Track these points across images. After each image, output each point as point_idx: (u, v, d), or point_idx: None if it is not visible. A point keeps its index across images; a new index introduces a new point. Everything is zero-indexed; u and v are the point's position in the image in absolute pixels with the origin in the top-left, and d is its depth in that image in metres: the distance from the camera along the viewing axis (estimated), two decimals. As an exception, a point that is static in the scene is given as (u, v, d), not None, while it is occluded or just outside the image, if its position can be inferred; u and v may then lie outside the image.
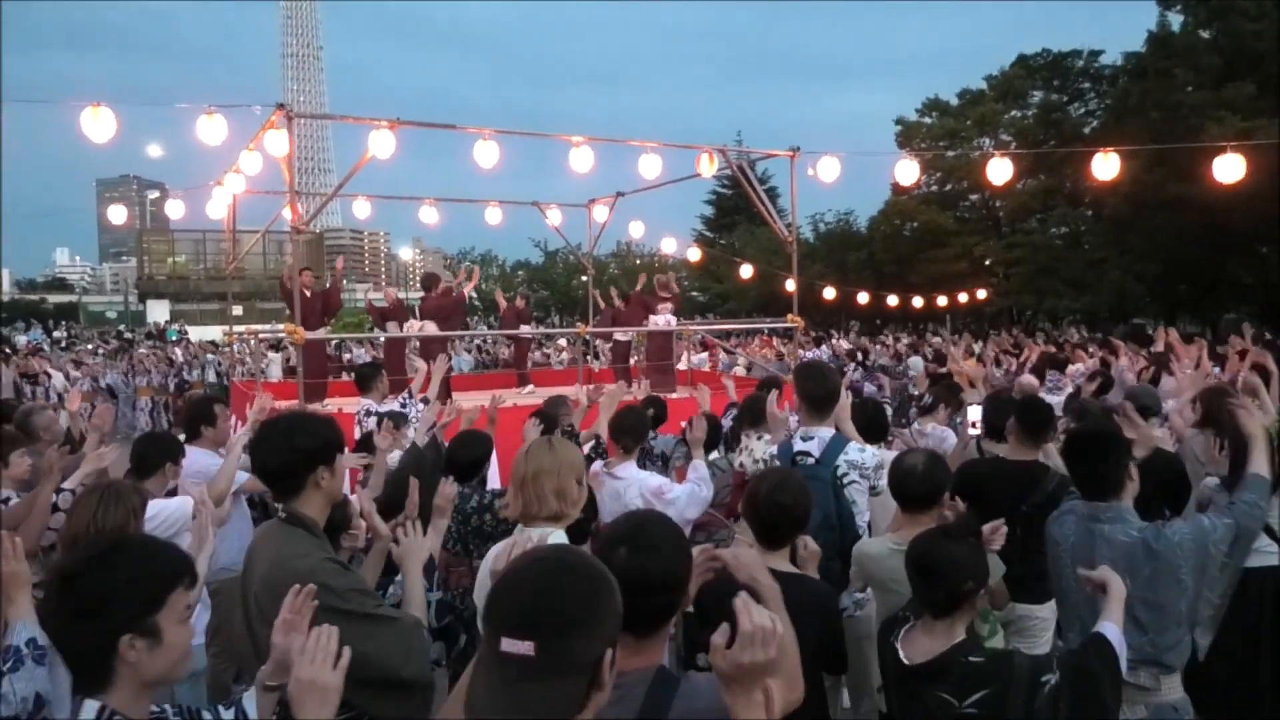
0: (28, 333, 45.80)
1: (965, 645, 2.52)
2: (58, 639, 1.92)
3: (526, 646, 1.38)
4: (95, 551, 1.90)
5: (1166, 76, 28.58)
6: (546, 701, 1.38)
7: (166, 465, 4.24)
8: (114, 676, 1.80)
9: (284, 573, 2.44)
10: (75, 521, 3.10)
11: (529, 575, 1.49)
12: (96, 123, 7.52)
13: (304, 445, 2.62)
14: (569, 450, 3.13)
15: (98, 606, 1.79)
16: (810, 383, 4.20)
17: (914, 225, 39.43)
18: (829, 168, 10.25)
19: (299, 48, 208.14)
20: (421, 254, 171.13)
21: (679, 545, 2.05)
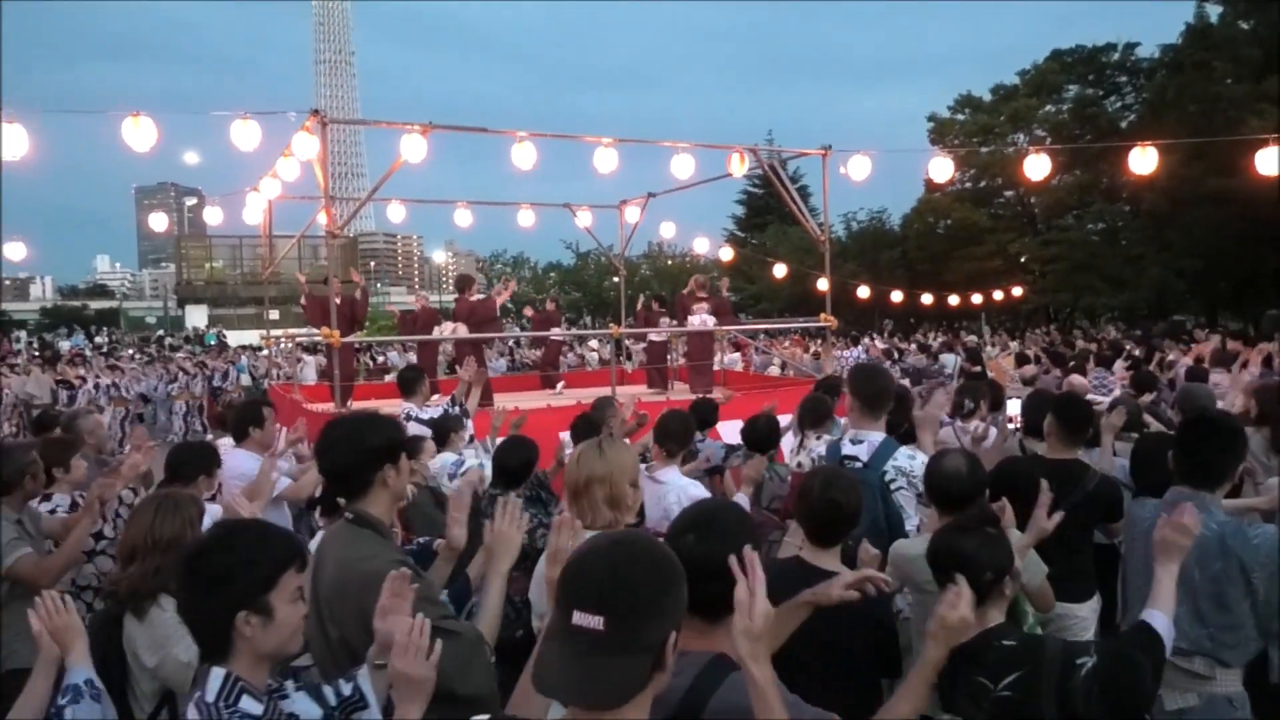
0: (70, 338, 46.61)
1: (1000, 630, 2.55)
2: (183, 612, 2.08)
3: (597, 621, 1.45)
4: (217, 534, 2.08)
5: (1205, 69, 28.14)
6: (613, 676, 1.45)
7: (200, 477, 4.21)
8: (233, 648, 1.97)
9: (352, 574, 2.47)
10: (133, 531, 3.11)
11: (606, 555, 1.56)
12: (138, 132, 7.65)
13: (373, 444, 2.63)
14: (620, 454, 3.05)
15: (218, 584, 1.95)
16: (864, 383, 4.14)
17: (948, 223, 39.09)
18: (861, 166, 10.20)
19: (331, 54, 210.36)
20: (454, 257, 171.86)
21: (747, 532, 2.09)
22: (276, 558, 2.03)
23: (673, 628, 1.52)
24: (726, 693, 1.89)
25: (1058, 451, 4.24)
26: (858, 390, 4.12)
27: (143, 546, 3.05)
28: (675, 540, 2.03)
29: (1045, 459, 4.27)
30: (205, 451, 4.49)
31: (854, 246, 41.52)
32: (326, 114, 8.61)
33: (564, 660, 1.47)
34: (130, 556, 3.08)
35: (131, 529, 3.13)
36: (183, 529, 3.11)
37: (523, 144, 8.66)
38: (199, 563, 1.98)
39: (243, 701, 1.94)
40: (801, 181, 36.82)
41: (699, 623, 1.95)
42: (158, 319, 66.88)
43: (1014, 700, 2.38)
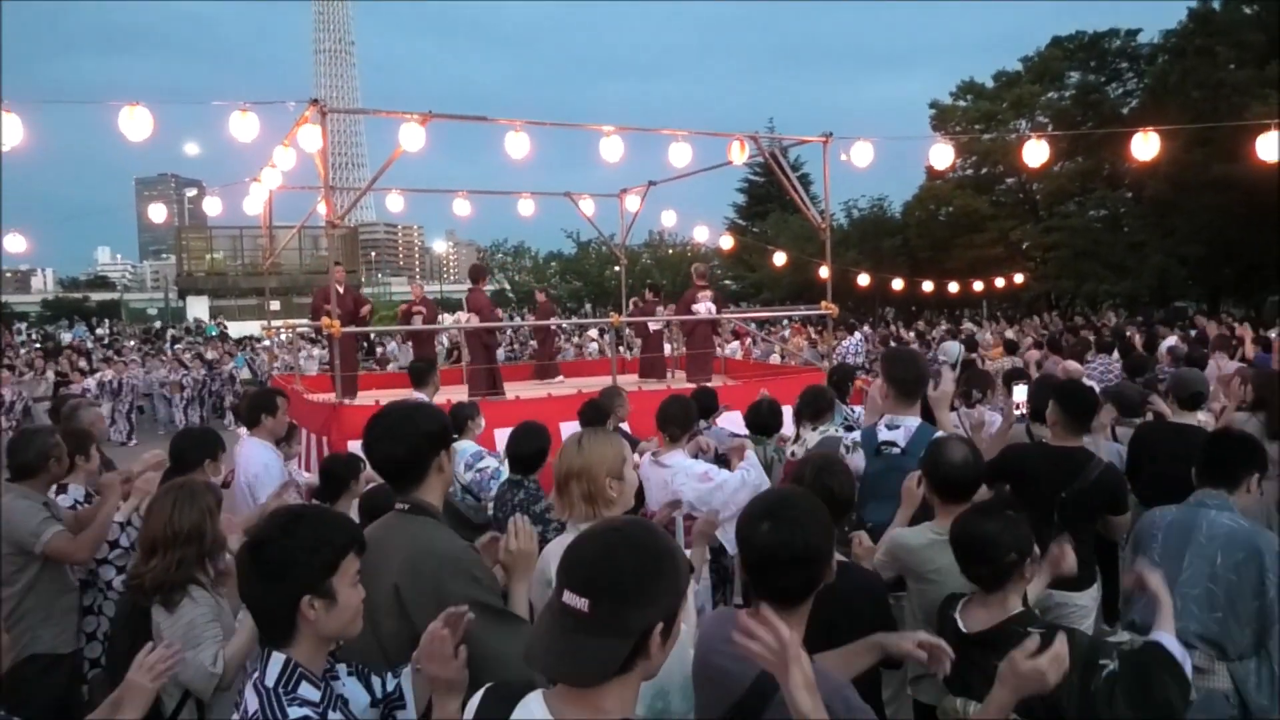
0: (71, 330, 46.62)
1: (1022, 617, 2.61)
2: (247, 598, 2.09)
3: (583, 603, 1.53)
4: (280, 521, 2.09)
5: (1208, 54, 28.02)
6: (592, 655, 1.53)
7: (206, 462, 4.22)
8: (296, 633, 2.01)
9: (431, 557, 2.47)
10: (152, 523, 3.12)
11: (599, 541, 1.63)
12: (134, 122, 7.62)
13: (428, 429, 2.64)
14: (601, 446, 2.96)
15: (282, 570, 1.99)
16: (899, 367, 4.12)
17: (949, 210, 38.99)
18: (862, 153, 10.15)
19: (331, 44, 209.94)
20: (455, 246, 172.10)
21: (821, 520, 2.12)
22: (338, 542, 2.07)
23: (660, 617, 1.57)
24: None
25: (1061, 439, 4.21)
26: (892, 375, 4.09)
27: (163, 538, 3.06)
28: (749, 528, 2.07)
29: (1050, 446, 4.26)
30: (207, 437, 4.49)
31: (855, 234, 41.42)
32: (326, 103, 8.58)
33: (550, 636, 1.56)
34: (151, 549, 3.08)
35: (150, 521, 3.14)
36: (201, 519, 3.12)
37: (518, 133, 8.62)
38: (263, 550, 2.01)
39: (301, 688, 1.99)
40: (802, 169, 36.78)
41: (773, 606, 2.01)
42: (159, 310, 66.88)
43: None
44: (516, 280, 50.31)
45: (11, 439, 4.25)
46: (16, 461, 4.12)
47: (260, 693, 1.96)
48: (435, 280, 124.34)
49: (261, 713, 1.93)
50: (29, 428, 4.80)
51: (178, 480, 3.47)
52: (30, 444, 4.16)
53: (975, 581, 2.70)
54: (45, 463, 4.14)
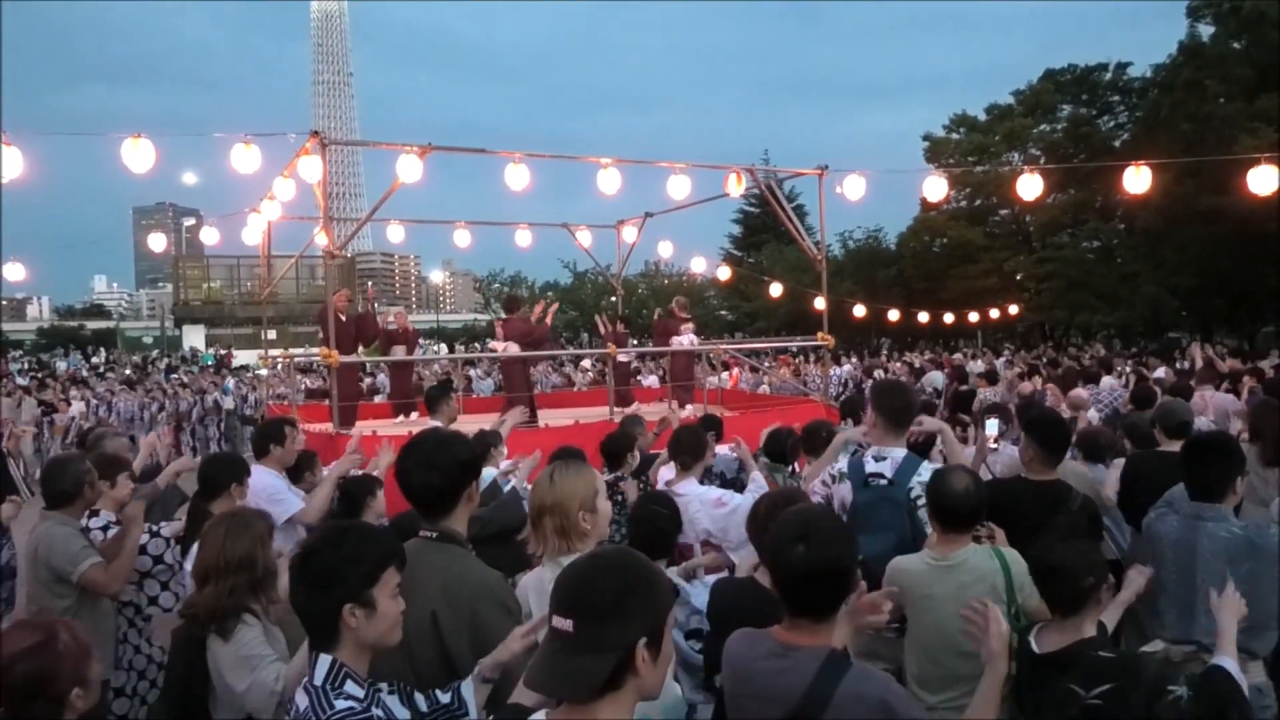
0: (66, 359, 46.58)
1: (1095, 641, 2.66)
2: (295, 604, 2.22)
3: (568, 625, 1.65)
4: (327, 534, 2.26)
5: (1198, 88, 28.32)
6: (578, 672, 1.64)
7: (232, 486, 4.28)
8: (339, 638, 2.14)
9: (465, 586, 2.55)
10: (205, 553, 3.14)
11: (581, 567, 1.77)
12: (136, 153, 7.69)
13: (463, 459, 2.71)
14: (573, 480, 2.95)
15: (327, 579, 2.13)
16: (889, 399, 4.12)
17: (943, 241, 39.27)
18: (856, 186, 10.26)
19: (330, 75, 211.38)
20: (452, 276, 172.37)
21: (847, 538, 2.33)
22: (379, 556, 2.19)
23: (640, 632, 1.67)
24: (852, 684, 2.10)
25: (1037, 472, 4.14)
26: (880, 406, 4.08)
27: (216, 567, 3.07)
28: (784, 551, 2.22)
29: (1029, 480, 4.18)
30: (235, 463, 4.54)
31: (850, 265, 41.66)
32: (326, 135, 8.66)
33: (543, 657, 1.69)
34: (204, 578, 3.10)
35: (204, 551, 3.16)
36: (253, 548, 3.13)
37: (519, 165, 8.70)
38: (310, 560, 2.16)
39: (347, 685, 2.12)
40: (798, 201, 37.03)
41: (805, 622, 2.23)
42: (155, 339, 66.80)
43: (1103, 710, 2.47)
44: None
45: (46, 466, 4.32)
46: (53, 489, 4.17)
47: (309, 692, 2.10)
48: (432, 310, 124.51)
49: (311, 709, 2.07)
50: (61, 455, 4.84)
51: (230, 509, 3.51)
52: (66, 472, 4.20)
53: (1054, 606, 2.76)
54: (80, 490, 4.19)
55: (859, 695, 2.09)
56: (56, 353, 53.96)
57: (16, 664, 2.17)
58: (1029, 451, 4.17)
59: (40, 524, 4.12)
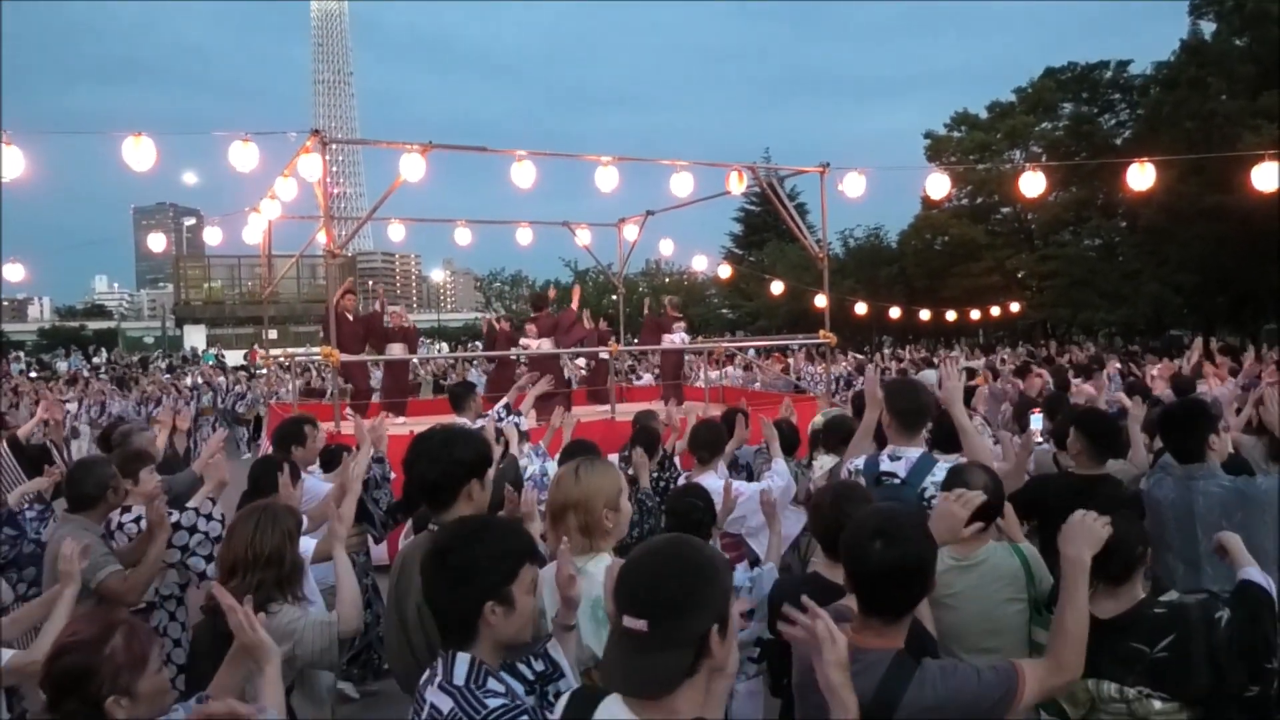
0: (68, 359, 46.55)
1: (1147, 600, 2.80)
2: (431, 601, 2.19)
3: (641, 624, 1.66)
4: (464, 531, 2.22)
5: (1200, 85, 28.26)
6: (658, 668, 1.66)
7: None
8: (477, 635, 2.12)
9: None
10: (234, 545, 3.11)
11: (645, 564, 1.77)
12: (137, 152, 7.69)
13: (462, 457, 2.74)
14: (599, 477, 2.93)
15: (467, 576, 2.10)
16: (902, 399, 4.05)
17: (945, 239, 39.17)
18: (857, 183, 10.25)
19: (330, 74, 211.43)
20: (452, 275, 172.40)
21: (926, 535, 2.31)
22: (518, 551, 2.18)
23: (713, 620, 1.68)
24: (917, 686, 2.11)
25: (1085, 467, 4.22)
26: (893, 406, 4.03)
27: (244, 560, 3.05)
28: (862, 546, 2.21)
29: (1074, 474, 4.27)
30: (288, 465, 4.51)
31: (851, 263, 41.60)
32: (326, 134, 8.64)
33: (619, 657, 1.71)
34: (231, 570, 3.07)
35: (232, 543, 3.13)
36: (282, 542, 3.11)
37: (522, 163, 8.70)
38: (449, 558, 2.12)
39: (489, 682, 2.08)
40: (799, 199, 36.94)
41: (876, 623, 2.22)
42: (155, 339, 66.77)
43: (1170, 661, 2.62)
44: (514, 309, 50.43)
45: (70, 470, 4.27)
46: (76, 493, 4.13)
47: (451, 691, 2.05)
48: (433, 309, 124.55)
49: (458, 709, 2.01)
50: (87, 458, 4.78)
51: (260, 502, 3.47)
52: (89, 475, 4.16)
53: (1104, 578, 2.78)
54: (104, 494, 4.15)
55: (929, 697, 2.10)
56: (58, 353, 53.93)
57: (63, 655, 2.18)
58: (1076, 445, 4.25)
59: (60, 527, 4.08)
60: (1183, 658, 2.62)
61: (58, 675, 2.16)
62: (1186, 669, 2.62)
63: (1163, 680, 2.63)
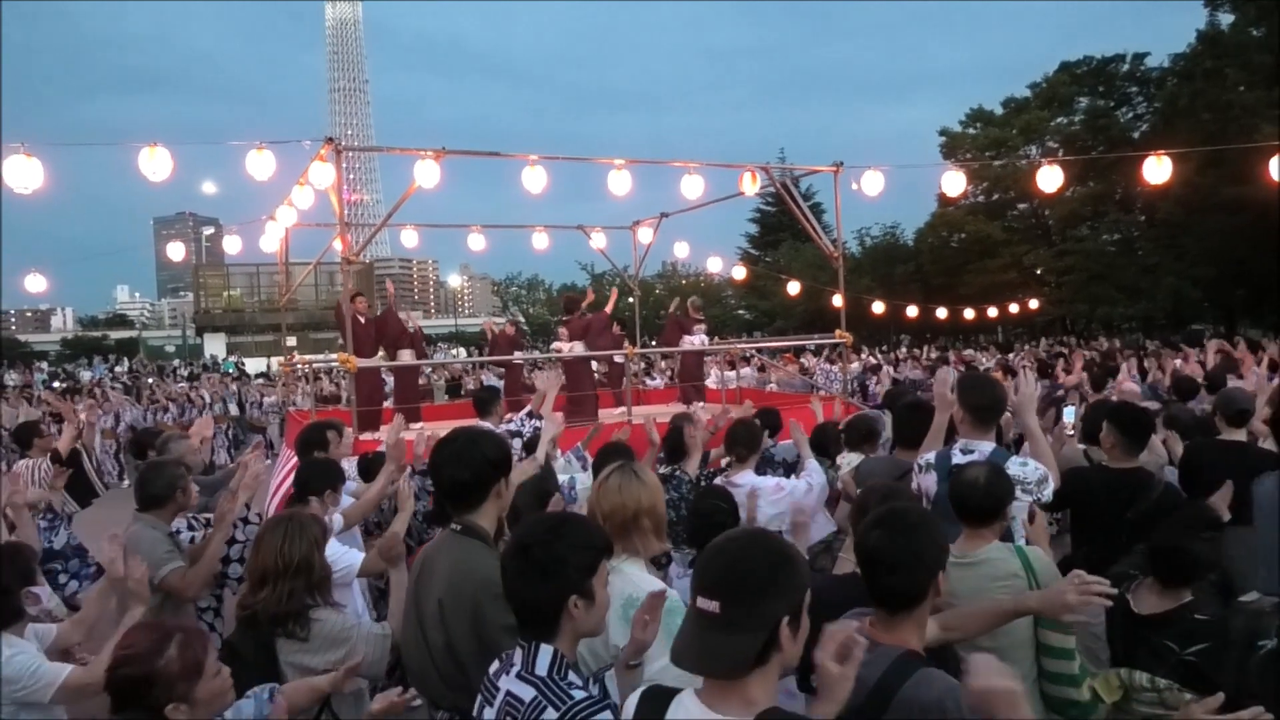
0: (90, 369, 46.97)
1: (1193, 605, 2.86)
2: (513, 596, 2.22)
3: (714, 605, 1.73)
4: (546, 526, 2.27)
5: (1217, 77, 28.07)
6: (727, 650, 1.72)
7: (327, 492, 4.32)
8: (560, 628, 2.17)
9: (470, 579, 2.60)
10: (262, 554, 3.17)
11: (723, 551, 1.83)
12: (154, 162, 7.74)
13: (493, 456, 2.77)
14: (653, 478, 2.99)
15: (552, 570, 2.14)
16: (974, 393, 4.06)
17: (962, 236, 39.03)
18: (873, 182, 10.20)
19: (345, 82, 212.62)
20: (469, 280, 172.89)
21: (929, 534, 2.33)
22: (597, 546, 2.24)
23: (784, 610, 1.74)
24: (913, 688, 2.12)
25: (1118, 460, 4.25)
26: (966, 401, 4.04)
27: (273, 570, 3.11)
28: (864, 535, 2.33)
29: (1109, 468, 4.29)
30: (330, 468, 4.58)
31: (868, 262, 41.49)
32: (341, 141, 8.68)
33: (691, 636, 1.76)
34: (261, 580, 3.13)
35: (260, 553, 3.19)
36: (309, 550, 3.18)
37: (535, 167, 8.72)
38: (532, 552, 2.16)
39: (570, 675, 2.14)
40: (814, 198, 36.85)
41: (883, 615, 2.29)
42: (177, 348, 67.27)
43: (1198, 666, 2.68)
44: (531, 313, 50.54)
45: (142, 470, 4.37)
46: (147, 492, 4.23)
47: (534, 681, 2.11)
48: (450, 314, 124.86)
49: (541, 699, 2.07)
50: (157, 460, 4.83)
51: (286, 512, 3.55)
52: (160, 476, 4.28)
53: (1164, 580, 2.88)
54: (173, 494, 4.25)
55: (916, 699, 2.11)
56: (80, 363, 54.41)
57: (121, 666, 2.26)
58: (1110, 439, 4.28)
59: (131, 525, 4.19)
60: (1212, 667, 2.66)
61: (118, 685, 2.24)
62: (1213, 677, 2.63)
63: (1188, 680, 2.68)
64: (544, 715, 2.04)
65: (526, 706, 2.07)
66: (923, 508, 2.73)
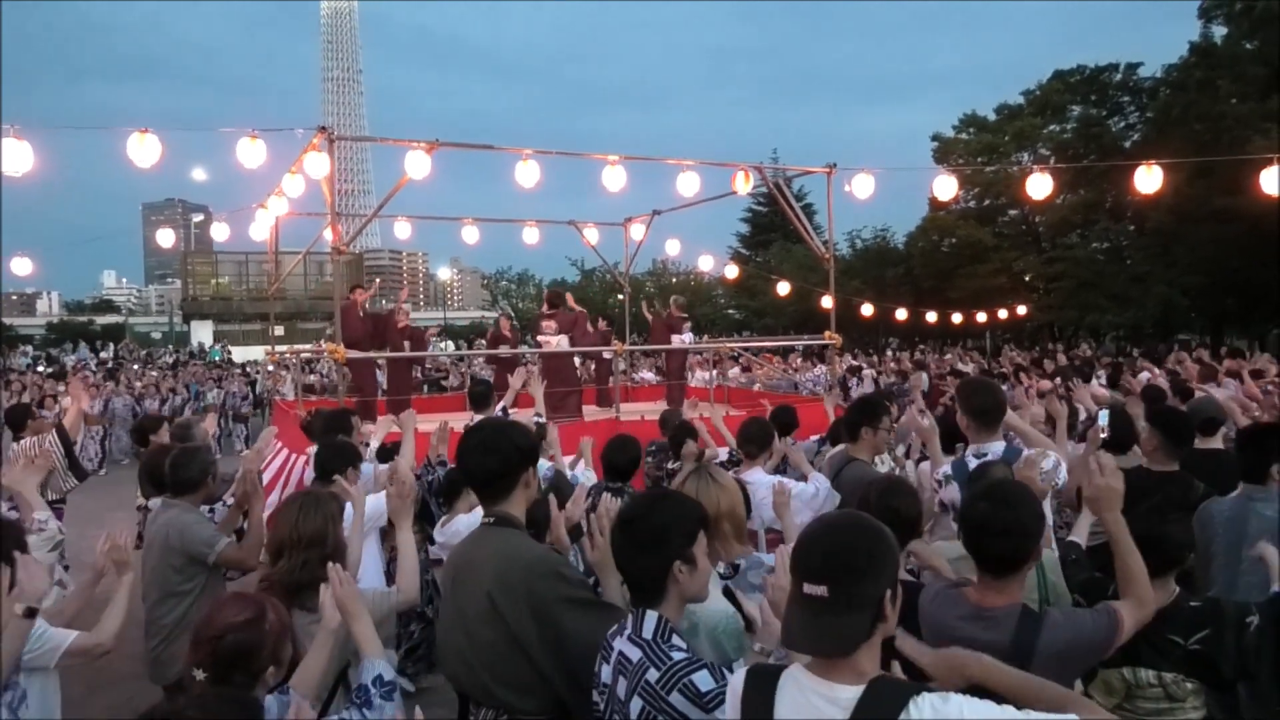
0: (74, 353, 46.72)
1: (1184, 595, 3.00)
2: (623, 566, 2.40)
3: (821, 590, 1.79)
4: (646, 501, 2.47)
5: (1210, 88, 28.18)
6: (839, 631, 1.79)
7: (347, 471, 4.39)
8: (665, 594, 2.31)
9: (517, 564, 2.60)
10: (279, 529, 3.28)
11: (824, 536, 1.90)
12: (142, 148, 7.69)
13: (522, 444, 2.78)
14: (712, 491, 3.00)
15: (656, 539, 2.29)
16: (977, 398, 4.14)
17: (952, 241, 39.04)
18: (865, 184, 10.21)
19: (339, 72, 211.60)
20: (459, 273, 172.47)
21: (1030, 503, 2.58)
22: (696, 516, 2.38)
23: (888, 585, 1.83)
24: (1049, 632, 2.42)
25: (1160, 463, 4.31)
26: (969, 406, 4.12)
27: (289, 542, 3.22)
28: (971, 507, 2.58)
29: (1150, 471, 4.32)
30: (347, 449, 4.70)
31: (858, 264, 41.45)
32: (334, 131, 8.64)
33: (802, 621, 1.82)
34: (278, 552, 3.24)
35: (278, 526, 3.30)
36: (324, 524, 3.28)
37: (527, 162, 8.69)
38: (635, 525, 2.33)
39: (673, 638, 2.27)
40: (806, 199, 36.92)
41: (990, 579, 2.53)
42: (163, 334, 66.97)
43: (1202, 654, 2.84)
44: (520, 308, 50.40)
45: (174, 456, 4.41)
46: (180, 477, 4.28)
47: (640, 644, 2.26)
48: (438, 307, 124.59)
49: (646, 659, 2.22)
50: (187, 446, 4.85)
51: (304, 489, 3.68)
52: (193, 461, 4.33)
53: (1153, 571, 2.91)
54: (205, 479, 4.33)
55: (1055, 642, 2.39)
56: (65, 347, 54.09)
57: (227, 634, 2.34)
58: (1152, 442, 4.35)
59: (164, 512, 4.24)
60: (1215, 651, 2.82)
61: (226, 653, 2.33)
62: (1217, 662, 2.83)
63: (1195, 670, 2.87)
64: (647, 674, 2.18)
65: (634, 666, 2.22)
66: (1019, 482, 3.01)
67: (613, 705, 2.30)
